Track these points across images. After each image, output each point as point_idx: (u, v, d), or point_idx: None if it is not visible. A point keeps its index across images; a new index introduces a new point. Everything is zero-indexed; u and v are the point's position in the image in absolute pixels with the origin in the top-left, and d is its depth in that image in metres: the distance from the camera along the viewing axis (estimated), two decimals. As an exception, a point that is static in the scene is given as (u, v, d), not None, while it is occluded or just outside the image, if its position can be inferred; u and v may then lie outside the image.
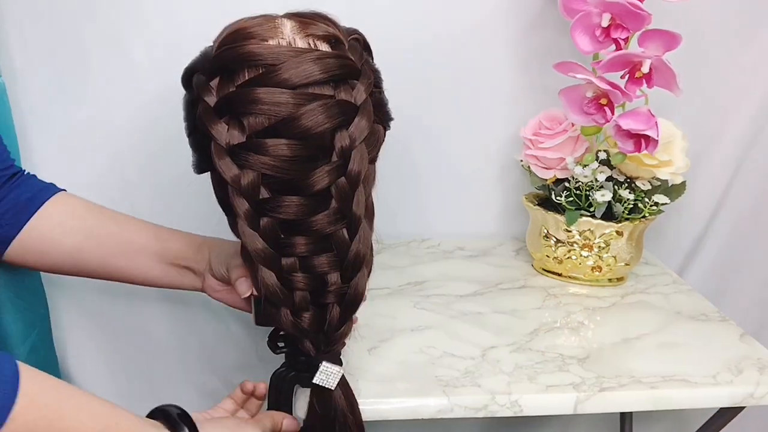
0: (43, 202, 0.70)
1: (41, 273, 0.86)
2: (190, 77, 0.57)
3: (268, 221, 0.56)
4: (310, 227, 0.56)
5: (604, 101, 0.80)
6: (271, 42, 0.54)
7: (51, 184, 0.73)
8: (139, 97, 0.90)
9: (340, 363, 0.61)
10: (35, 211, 0.69)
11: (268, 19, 0.56)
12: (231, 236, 0.61)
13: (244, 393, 0.68)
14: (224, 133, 0.54)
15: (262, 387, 0.67)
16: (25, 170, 0.73)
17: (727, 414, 0.75)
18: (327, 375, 0.60)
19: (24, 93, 0.88)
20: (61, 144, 0.91)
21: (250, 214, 0.55)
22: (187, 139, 0.60)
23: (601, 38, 0.79)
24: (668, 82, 0.78)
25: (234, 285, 0.67)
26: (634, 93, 0.79)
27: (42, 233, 0.69)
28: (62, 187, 0.73)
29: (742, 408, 0.71)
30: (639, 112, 0.79)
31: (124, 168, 0.93)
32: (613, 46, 0.80)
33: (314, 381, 0.60)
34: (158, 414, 0.56)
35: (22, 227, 0.68)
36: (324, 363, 0.59)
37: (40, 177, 0.73)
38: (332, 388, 0.60)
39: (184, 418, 0.56)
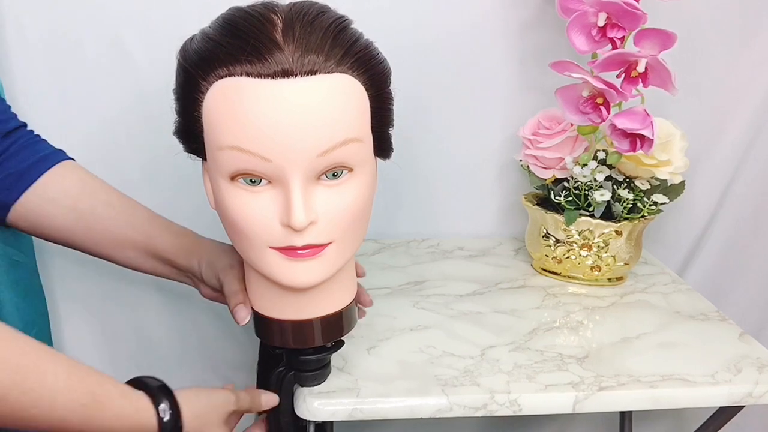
0: (43, 172, 0.68)
1: (40, 272, 0.86)
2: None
3: None
4: None
5: (600, 100, 0.80)
6: None
7: (58, 151, 0.71)
8: (139, 95, 0.90)
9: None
10: (33, 181, 0.67)
11: None
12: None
13: None
14: None
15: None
16: (32, 130, 0.71)
17: (726, 413, 0.75)
18: None
19: (22, 91, 0.88)
20: (59, 143, 0.91)
21: None
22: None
23: (598, 37, 0.79)
24: (664, 82, 0.78)
25: (232, 312, 0.65)
26: (629, 92, 0.79)
27: (36, 206, 0.67)
28: (70, 156, 0.72)
29: (741, 407, 0.71)
30: (635, 112, 0.79)
31: (123, 167, 0.93)
32: (610, 46, 0.80)
33: None
34: (138, 385, 0.56)
35: (20, 196, 0.67)
36: None
37: None
38: None
39: (164, 389, 0.56)
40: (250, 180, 0.54)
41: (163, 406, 0.55)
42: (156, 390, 0.56)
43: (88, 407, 0.50)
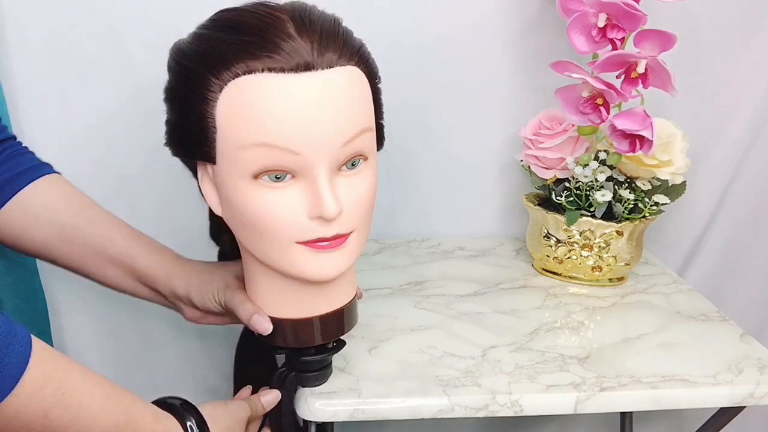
0: (25, 185, 0.66)
1: (39, 272, 0.86)
2: None
3: None
4: None
5: (599, 101, 0.80)
6: None
7: (44, 164, 0.69)
8: (139, 95, 0.90)
9: None
10: (15, 194, 0.65)
11: None
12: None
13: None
14: None
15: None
16: (20, 142, 0.70)
17: (727, 414, 0.75)
18: None
19: (23, 91, 0.88)
20: (59, 142, 0.91)
21: None
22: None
23: (598, 38, 0.79)
24: (664, 83, 0.78)
25: (250, 324, 0.63)
26: (629, 93, 0.79)
27: (17, 218, 0.66)
28: (56, 170, 0.70)
29: (742, 408, 0.71)
30: (634, 113, 0.79)
31: (123, 166, 0.93)
32: (610, 46, 0.80)
33: None
34: (162, 405, 0.57)
35: (0, 207, 0.65)
36: None
37: None
38: None
39: (189, 408, 0.58)
40: (275, 176, 0.54)
41: (190, 424, 0.57)
42: (181, 409, 0.57)
43: (122, 427, 0.51)
